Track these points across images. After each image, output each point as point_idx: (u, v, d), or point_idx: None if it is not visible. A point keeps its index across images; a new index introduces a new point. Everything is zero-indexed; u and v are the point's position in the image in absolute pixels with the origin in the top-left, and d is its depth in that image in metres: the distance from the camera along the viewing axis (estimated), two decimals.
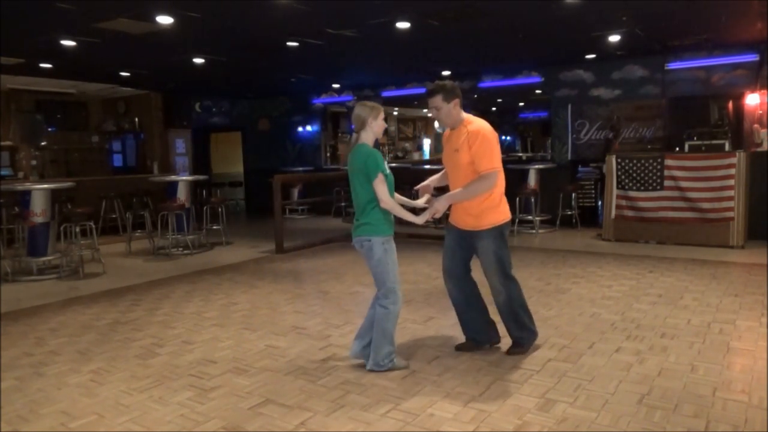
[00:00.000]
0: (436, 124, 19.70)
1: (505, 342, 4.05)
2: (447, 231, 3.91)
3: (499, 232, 3.70)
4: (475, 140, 3.56)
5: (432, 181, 3.97)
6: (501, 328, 4.01)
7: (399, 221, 3.64)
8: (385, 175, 3.47)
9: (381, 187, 3.45)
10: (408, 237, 9.32)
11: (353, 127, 3.61)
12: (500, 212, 3.70)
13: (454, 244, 3.83)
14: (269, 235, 8.72)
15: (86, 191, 9.36)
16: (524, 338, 3.89)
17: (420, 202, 3.74)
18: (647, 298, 5.22)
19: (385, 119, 3.67)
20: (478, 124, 3.65)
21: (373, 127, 3.56)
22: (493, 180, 3.57)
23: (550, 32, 7.65)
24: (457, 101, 3.66)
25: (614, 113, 9.97)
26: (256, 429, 2.94)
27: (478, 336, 3.96)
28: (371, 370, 3.59)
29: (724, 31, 7.87)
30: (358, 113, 3.57)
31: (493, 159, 3.58)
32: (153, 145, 12.75)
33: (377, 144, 3.84)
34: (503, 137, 20.60)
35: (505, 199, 3.77)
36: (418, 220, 3.57)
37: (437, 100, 3.65)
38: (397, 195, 3.67)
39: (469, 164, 3.60)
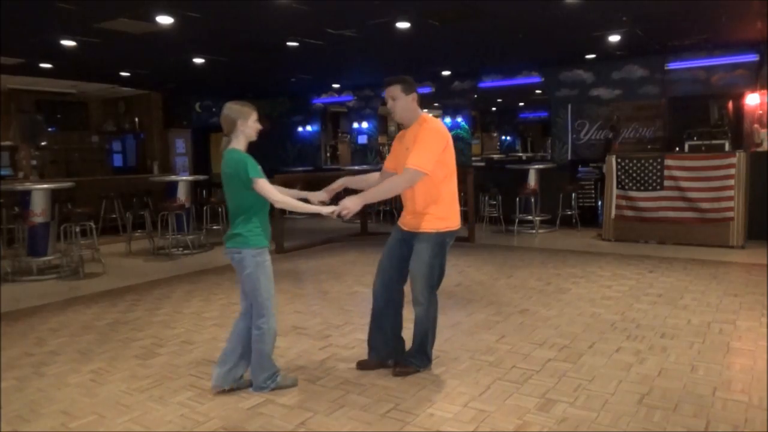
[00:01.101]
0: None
1: (499, 344, 4.04)
2: (393, 230, 3.64)
3: (439, 239, 3.40)
4: (418, 134, 3.34)
5: (346, 181, 3.63)
6: (497, 329, 4.00)
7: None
8: (263, 177, 3.19)
9: (267, 188, 3.18)
10: None
11: (223, 129, 3.27)
12: (445, 218, 3.42)
13: (394, 244, 3.56)
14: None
15: (86, 191, 9.36)
16: (416, 362, 3.56)
17: (326, 209, 3.27)
18: (647, 298, 5.22)
19: (261, 119, 3.35)
20: (434, 123, 3.43)
21: (244, 130, 3.24)
22: (414, 179, 3.27)
23: (550, 32, 7.66)
24: (415, 96, 3.45)
25: (614, 113, 9.98)
26: (256, 429, 2.94)
27: (381, 349, 3.63)
28: (255, 391, 3.32)
29: (724, 31, 7.87)
30: (226, 114, 3.24)
31: (426, 159, 3.26)
32: (153, 145, 12.75)
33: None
34: (503, 137, 20.61)
35: (455, 206, 3.48)
36: (325, 209, 3.25)
37: (396, 89, 3.43)
38: (293, 192, 3.48)
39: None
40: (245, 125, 3.25)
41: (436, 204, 3.40)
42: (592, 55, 9.45)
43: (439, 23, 6.91)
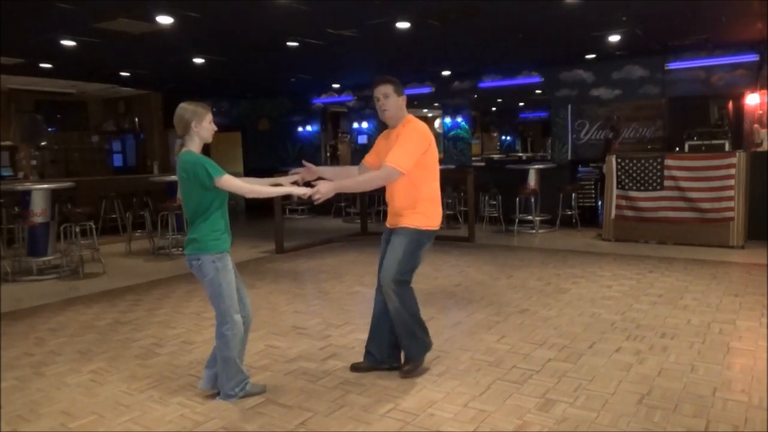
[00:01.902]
0: (437, 123, 19.72)
1: (499, 344, 4.05)
2: (383, 233, 3.66)
3: (415, 236, 3.41)
4: (400, 134, 3.38)
5: (322, 171, 3.66)
6: (497, 329, 4.00)
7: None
8: (223, 174, 3.08)
9: (233, 183, 3.09)
10: None
11: (177, 131, 3.17)
12: (424, 217, 3.44)
13: (384, 246, 3.57)
14: (269, 235, 8.72)
15: (86, 191, 9.36)
16: (413, 350, 3.54)
17: (300, 190, 3.23)
18: (647, 298, 5.22)
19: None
20: (416, 124, 3.46)
21: (199, 131, 3.14)
22: (391, 176, 3.30)
23: (550, 32, 7.66)
24: (404, 98, 3.50)
25: (614, 113, 9.98)
26: (256, 429, 2.94)
27: (377, 352, 3.62)
28: (222, 400, 3.24)
29: (724, 31, 7.87)
30: (180, 114, 3.12)
31: (404, 157, 3.29)
32: (153, 145, 12.76)
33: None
34: (503, 137, 20.60)
35: (436, 207, 3.50)
36: (299, 190, 3.21)
37: (389, 88, 3.44)
38: (264, 180, 3.44)
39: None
40: (200, 126, 3.15)
41: (415, 204, 3.44)
42: (592, 55, 9.45)
43: (439, 23, 6.91)
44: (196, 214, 3.14)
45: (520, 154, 17.09)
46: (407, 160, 3.32)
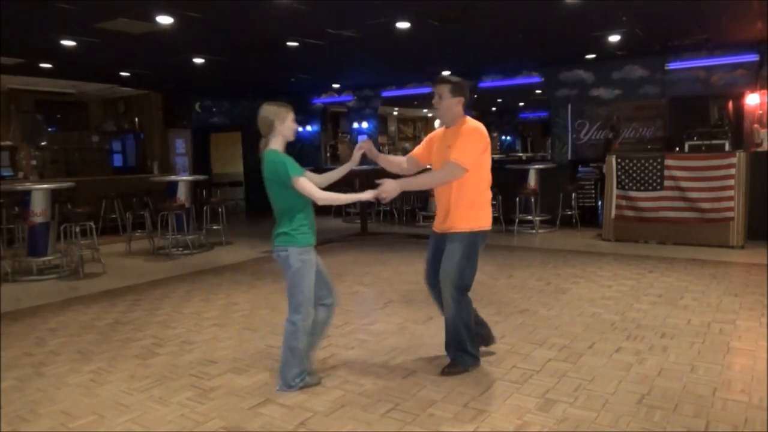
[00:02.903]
0: (437, 123, 19.73)
1: (499, 344, 4.05)
2: (430, 237, 3.71)
3: (471, 240, 3.46)
4: (462, 134, 3.44)
5: (382, 157, 3.72)
6: (497, 329, 4.00)
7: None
8: (301, 176, 3.21)
9: (307, 187, 3.19)
10: (408, 237, 9.32)
11: (260, 131, 3.32)
12: (477, 218, 3.50)
13: (433, 251, 3.63)
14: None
15: (86, 191, 9.37)
16: (459, 360, 3.59)
17: (366, 195, 3.30)
18: (647, 298, 5.22)
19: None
20: (475, 123, 3.52)
21: (282, 130, 3.27)
22: (456, 173, 3.36)
23: (550, 32, 7.66)
24: (462, 100, 3.52)
25: (614, 113, 9.97)
26: (256, 429, 2.94)
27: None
28: (281, 391, 3.35)
29: (724, 31, 7.87)
30: (263, 116, 3.26)
31: (467, 155, 3.37)
32: (153, 145, 12.75)
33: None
34: (503, 137, 20.62)
35: (487, 208, 3.58)
36: (365, 195, 3.29)
37: (445, 89, 3.50)
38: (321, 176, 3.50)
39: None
40: (282, 126, 3.27)
41: (470, 204, 3.48)
42: (592, 55, 9.45)
43: (439, 23, 6.91)
44: (282, 209, 3.29)
45: (520, 154, 17.12)
46: (470, 158, 3.39)
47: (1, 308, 5.49)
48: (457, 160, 3.35)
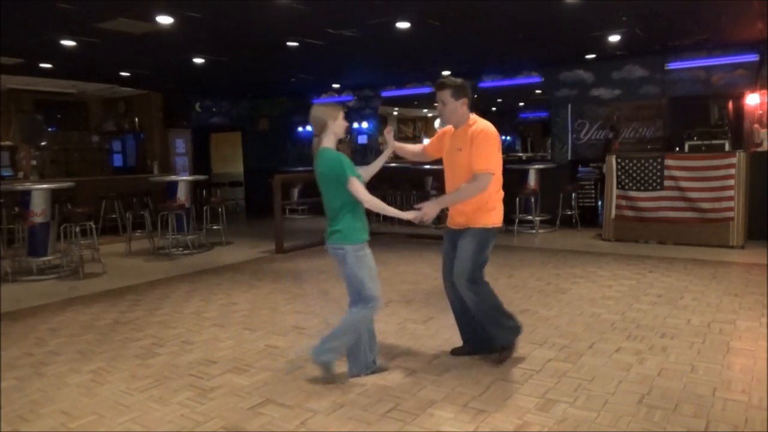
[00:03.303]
0: (437, 123, 19.72)
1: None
2: (444, 234, 3.83)
3: (485, 236, 3.59)
4: (476, 139, 3.50)
5: (399, 146, 3.94)
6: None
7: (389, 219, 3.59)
8: (357, 176, 3.33)
9: (358, 189, 3.30)
10: (408, 237, 9.32)
11: (312, 130, 3.50)
12: (491, 216, 3.61)
13: (450, 248, 3.73)
14: (269, 235, 8.72)
15: (86, 191, 9.37)
16: (504, 337, 3.73)
17: (408, 215, 3.46)
18: (647, 298, 5.22)
19: (345, 117, 3.58)
20: (482, 124, 3.57)
21: (333, 128, 3.43)
22: (486, 182, 3.48)
23: (550, 32, 7.66)
24: (465, 100, 3.57)
25: (614, 113, 9.97)
26: (256, 429, 2.94)
27: (474, 342, 3.85)
28: (354, 376, 3.50)
29: (724, 31, 7.87)
30: (316, 116, 3.42)
31: (489, 160, 3.49)
32: (153, 145, 12.75)
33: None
34: (503, 137, 20.60)
35: (500, 206, 3.66)
36: (407, 215, 3.43)
37: (446, 94, 3.55)
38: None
39: (468, 165, 3.52)
40: (335, 124, 3.42)
41: (485, 203, 3.56)
42: (592, 55, 9.45)
43: (439, 23, 6.91)
44: (337, 207, 3.37)
45: (520, 154, 17.10)
46: (491, 161, 3.50)
47: (1, 308, 5.49)
48: (483, 170, 3.46)
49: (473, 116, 3.64)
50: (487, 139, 3.50)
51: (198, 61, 8.93)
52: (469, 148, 3.50)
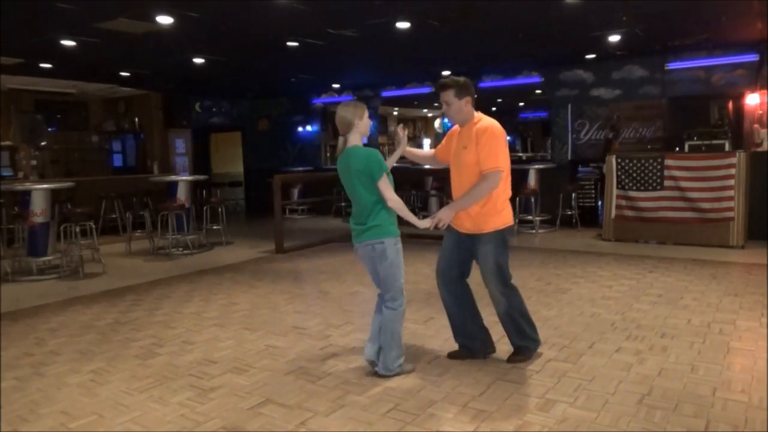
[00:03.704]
0: (436, 123, 19.72)
1: (499, 344, 4.05)
2: (446, 232, 3.75)
3: (501, 237, 3.56)
4: (482, 137, 3.46)
5: (411, 151, 3.94)
6: (495, 335, 3.99)
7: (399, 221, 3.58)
8: (388, 174, 3.40)
9: (387, 186, 3.38)
10: (408, 237, 9.32)
11: (339, 130, 3.51)
12: (503, 216, 3.56)
13: (452, 246, 3.70)
14: (269, 235, 8.72)
15: (86, 191, 9.37)
16: (524, 347, 3.75)
17: (423, 223, 3.49)
18: (647, 298, 5.22)
19: (370, 116, 3.61)
20: (487, 121, 3.54)
21: (359, 127, 3.45)
22: (496, 180, 3.44)
23: (550, 32, 7.66)
24: (469, 99, 3.55)
25: (614, 113, 9.97)
26: (256, 429, 2.94)
27: (470, 344, 3.80)
28: (381, 375, 3.49)
29: (724, 31, 7.87)
30: (342, 115, 3.45)
31: (498, 158, 3.44)
32: (153, 145, 12.75)
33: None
34: None
35: (509, 204, 3.64)
36: (422, 223, 3.45)
37: (449, 94, 3.53)
38: None
39: (475, 164, 3.48)
40: (361, 122, 3.45)
41: (492, 203, 3.52)
42: (592, 55, 9.45)
43: (439, 23, 6.91)
44: (374, 203, 3.40)
45: (520, 154, 17.09)
46: (500, 159, 3.47)
47: (1, 308, 5.49)
48: (491, 168, 3.44)
49: (478, 114, 3.62)
50: (493, 137, 3.47)
51: (198, 61, 8.93)
52: (475, 147, 3.47)
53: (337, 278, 6.47)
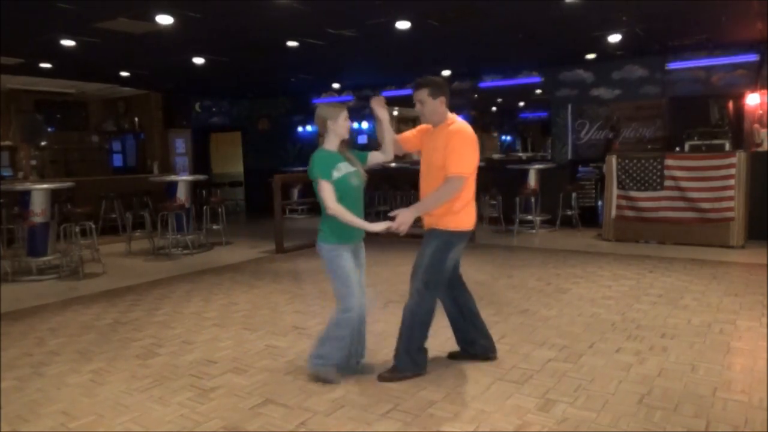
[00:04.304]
0: None
1: (499, 344, 4.04)
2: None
3: (446, 238, 3.43)
4: (452, 140, 3.36)
5: (383, 125, 3.58)
6: (497, 329, 4.00)
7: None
8: (332, 181, 3.29)
9: (324, 194, 3.30)
10: (407, 237, 9.31)
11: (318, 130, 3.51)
12: (457, 219, 3.44)
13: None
14: (269, 235, 8.71)
15: (86, 191, 9.36)
16: (402, 365, 3.50)
17: (376, 227, 3.34)
18: (647, 298, 5.22)
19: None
20: (460, 124, 3.45)
21: (335, 128, 3.38)
22: (458, 185, 3.33)
23: (550, 32, 7.66)
24: (443, 99, 3.46)
25: (614, 113, 9.97)
26: (256, 429, 2.94)
27: (471, 349, 3.76)
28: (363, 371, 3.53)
29: (724, 31, 7.87)
30: (318, 114, 3.42)
31: (462, 163, 3.34)
32: (153, 145, 12.75)
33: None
34: (503, 137, 20.60)
35: (469, 209, 3.49)
36: (375, 227, 3.31)
37: (423, 93, 3.44)
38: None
39: (442, 167, 3.37)
40: (335, 124, 3.38)
41: (450, 202, 3.42)
42: (592, 55, 9.45)
43: (439, 23, 6.91)
44: (324, 207, 3.36)
45: (520, 154, 17.08)
46: (467, 164, 3.37)
47: (1, 308, 5.49)
48: (456, 173, 3.32)
49: (452, 115, 3.52)
50: (464, 141, 3.38)
51: (198, 61, 8.94)
52: (444, 150, 3.37)
53: None
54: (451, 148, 3.36)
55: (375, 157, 3.59)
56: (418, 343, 3.51)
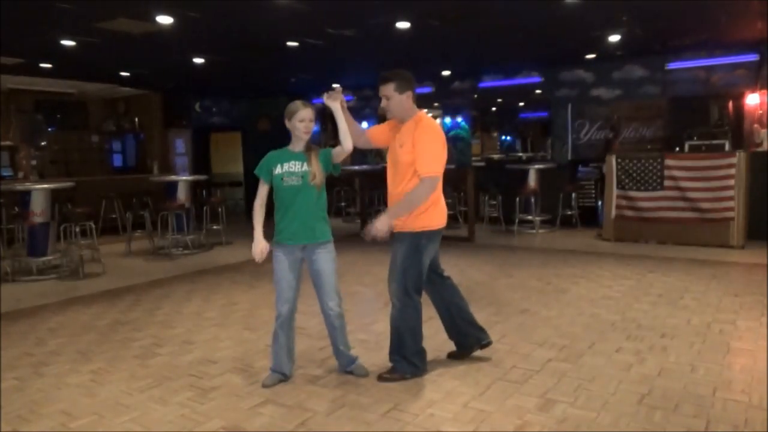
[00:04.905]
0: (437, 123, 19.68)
1: (499, 344, 4.04)
2: None
3: (415, 240, 3.32)
4: (420, 138, 3.26)
5: (342, 121, 3.41)
6: (497, 329, 4.00)
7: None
8: (267, 180, 3.34)
9: (259, 193, 3.43)
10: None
11: None
12: (423, 218, 3.32)
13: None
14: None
15: (86, 191, 9.36)
16: (398, 368, 3.48)
17: (255, 247, 3.48)
18: (647, 298, 5.22)
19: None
20: (428, 122, 3.36)
21: (290, 128, 3.35)
22: (433, 186, 3.26)
23: (550, 32, 7.66)
24: (410, 93, 3.37)
25: (614, 113, 9.97)
26: (256, 429, 2.94)
27: (464, 341, 3.73)
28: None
29: (724, 31, 7.87)
30: (285, 111, 3.36)
31: (434, 163, 3.26)
32: (153, 145, 12.75)
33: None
34: (503, 137, 20.59)
35: (436, 207, 3.37)
36: (257, 244, 3.48)
37: (389, 88, 3.33)
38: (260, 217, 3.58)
39: (409, 164, 3.28)
40: (290, 123, 3.36)
41: None
42: (592, 55, 9.45)
43: (439, 23, 6.91)
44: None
45: (520, 154, 17.08)
46: (437, 163, 3.29)
47: (1, 308, 5.49)
48: (428, 174, 3.24)
49: (420, 112, 3.42)
50: (433, 139, 3.29)
51: (198, 61, 8.94)
52: (412, 147, 3.27)
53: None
54: (420, 147, 3.26)
55: (337, 153, 3.40)
56: (412, 349, 3.47)
